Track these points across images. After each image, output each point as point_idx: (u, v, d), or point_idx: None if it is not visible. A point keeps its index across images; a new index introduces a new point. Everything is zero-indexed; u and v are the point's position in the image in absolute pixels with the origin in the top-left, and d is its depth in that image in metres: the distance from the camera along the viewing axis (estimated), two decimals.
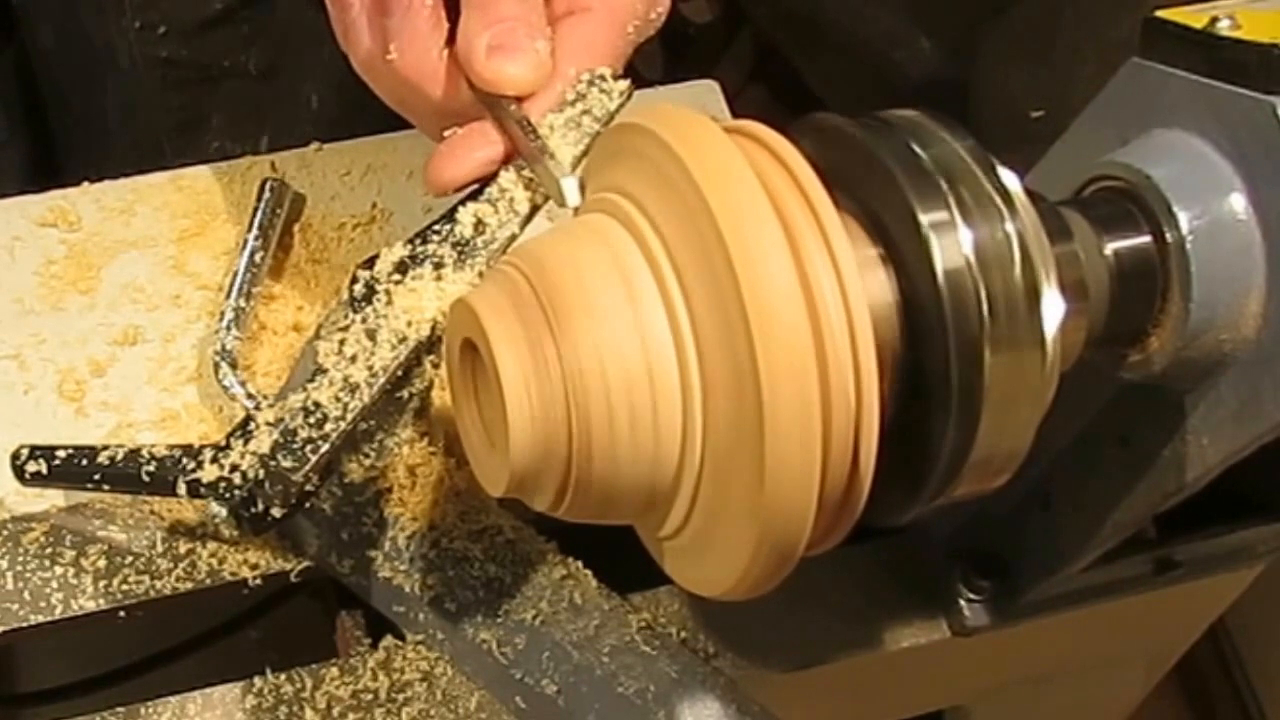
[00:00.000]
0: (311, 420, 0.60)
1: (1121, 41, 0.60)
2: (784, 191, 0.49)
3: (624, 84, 0.64)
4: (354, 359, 0.61)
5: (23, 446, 0.69)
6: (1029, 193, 0.52)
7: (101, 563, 0.71)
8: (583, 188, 0.58)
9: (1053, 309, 0.51)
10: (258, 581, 0.71)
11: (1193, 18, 0.57)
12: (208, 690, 0.70)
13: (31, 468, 0.68)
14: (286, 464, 0.59)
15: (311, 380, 0.61)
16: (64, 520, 0.72)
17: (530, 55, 0.60)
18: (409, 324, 0.61)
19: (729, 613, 0.73)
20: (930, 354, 0.50)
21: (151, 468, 0.66)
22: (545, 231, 0.55)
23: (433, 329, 0.61)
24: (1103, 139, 0.59)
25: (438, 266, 0.62)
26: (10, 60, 1.17)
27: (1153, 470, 0.61)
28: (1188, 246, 0.55)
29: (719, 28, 1.41)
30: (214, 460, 0.63)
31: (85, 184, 0.86)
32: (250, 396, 0.73)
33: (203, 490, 0.63)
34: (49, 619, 0.70)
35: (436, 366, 0.63)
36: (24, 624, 0.70)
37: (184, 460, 0.65)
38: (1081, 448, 0.65)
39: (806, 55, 1.17)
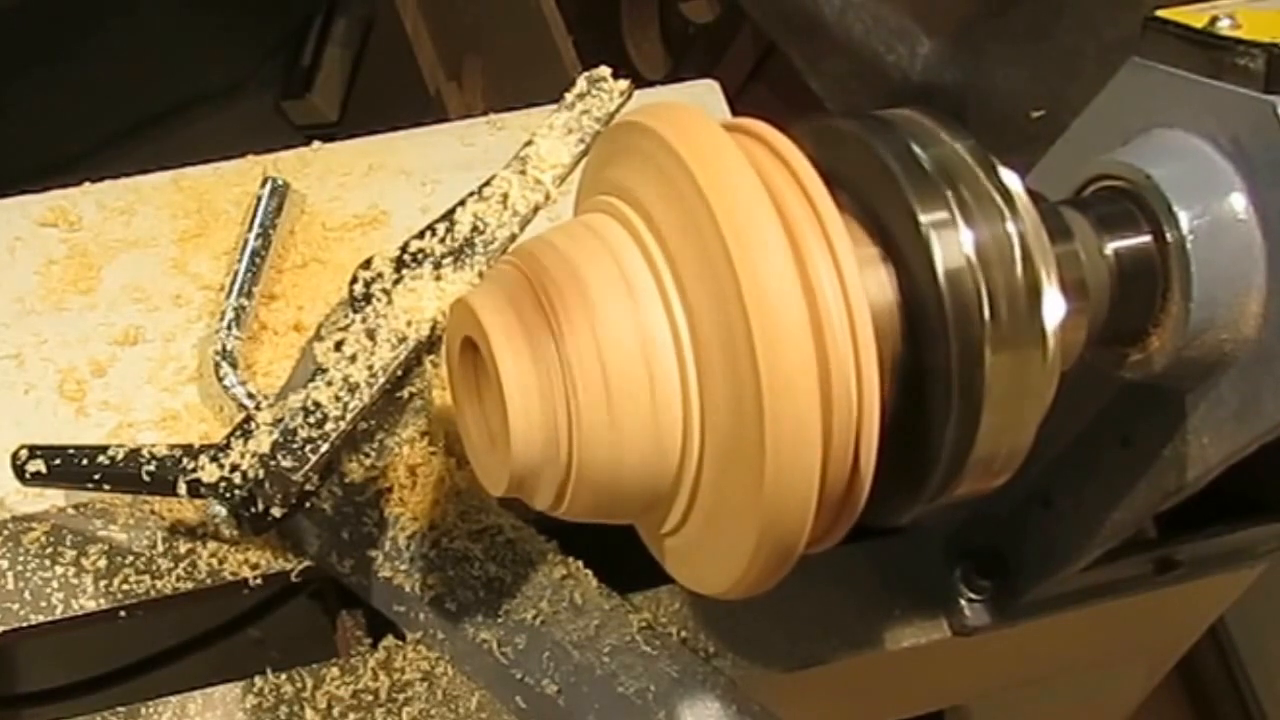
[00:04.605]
0: (311, 420, 0.60)
1: (1121, 41, 0.60)
2: (785, 190, 0.49)
3: (624, 84, 0.64)
4: (354, 359, 0.61)
5: (23, 446, 0.69)
6: (1029, 192, 0.52)
7: (102, 563, 0.71)
8: None
9: (1053, 308, 0.51)
10: (258, 581, 0.71)
11: (1193, 18, 0.57)
12: (208, 690, 0.70)
13: (32, 467, 0.68)
14: (286, 464, 0.59)
15: (311, 380, 0.61)
16: (64, 520, 0.72)
17: None
18: (409, 324, 0.61)
19: (729, 613, 0.73)
20: (931, 353, 0.50)
21: (152, 468, 0.66)
22: (545, 231, 0.55)
23: (433, 329, 0.61)
24: (1103, 139, 0.59)
25: (437, 266, 0.62)
26: None
27: (1153, 470, 0.61)
28: (1188, 246, 0.55)
29: (719, 28, 1.41)
30: (214, 460, 0.63)
31: (86, 184, 0.86)
32: (250, 396, 0.73)
33: (203, 490, 0.63)
34: (49, 619, 0.70)
35: (436, 366, 0.63)
36: (24, 624, 0.70)
37: (184, 460, 0.65)
38: (1082, 448, 0.65)
39: (806, 55, 1.17)
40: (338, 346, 0.62)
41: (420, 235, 0.63)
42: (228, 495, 0.62)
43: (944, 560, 0.75)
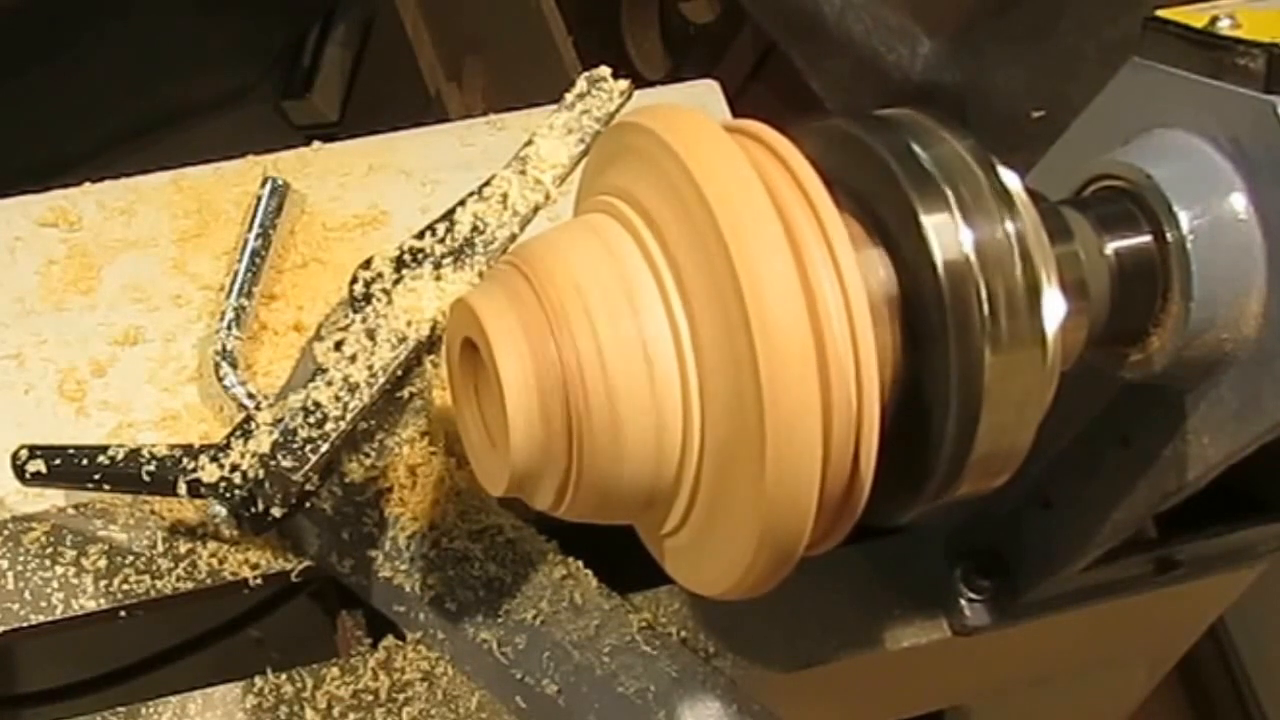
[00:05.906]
0: (311, 420, 0.60)
1: (1121, 41, 0.60)
2: (785, 191, 0.49)
3: (624, 84, 0.64)
4: (354, 359, 0.61)
5: (23, 446, 0.69)
6: (1029, 192, 0.52)
7: (102, 562, 0.71)
8: None
9: (1053, 308, 0.51)
10: (258, 581, 0.71)
11: (1193, 18, 0.57)
12: (208, 690, 0.70)
13: (32, 467, 0.68)
14: (286, 464, 0.59)
15: (311, 380, 0.61)
16: (64, 520, 0.72)
17: None
18: (409, 324, 0.61)
19: (729, 613, 0.73)
20: (931, 354, 0.50)
21: (152, 468, 0.66)
22: (545, 231, 0.55)
23: (433, 329, 0.61)
24: (1103, 139, 0.59)
25: (437, 266, 0.62)
26: None
27: (1153, 470, 0.61)
28: (1188, 246, 0.55)
29: (719, 28, 1.41)
30: (214, 460, 0.63)
31: (86, 184, 0.86)
32: (250, 396, 0.73)
33: (203, 490, 0.63)
34: (49, 619, 0.70)
35: (436, 366, 0.63)
36: (24, 624, 0.70)
37: (184, 460, 0.65)
38: (1082, 448, 0.65)
39: (806, 55, 1.17)
40: (338, 346, 0.62)
41: (420, 235, 0.63)
42: (228, 495, 0.62)
43: (944, 560, 0.75)
